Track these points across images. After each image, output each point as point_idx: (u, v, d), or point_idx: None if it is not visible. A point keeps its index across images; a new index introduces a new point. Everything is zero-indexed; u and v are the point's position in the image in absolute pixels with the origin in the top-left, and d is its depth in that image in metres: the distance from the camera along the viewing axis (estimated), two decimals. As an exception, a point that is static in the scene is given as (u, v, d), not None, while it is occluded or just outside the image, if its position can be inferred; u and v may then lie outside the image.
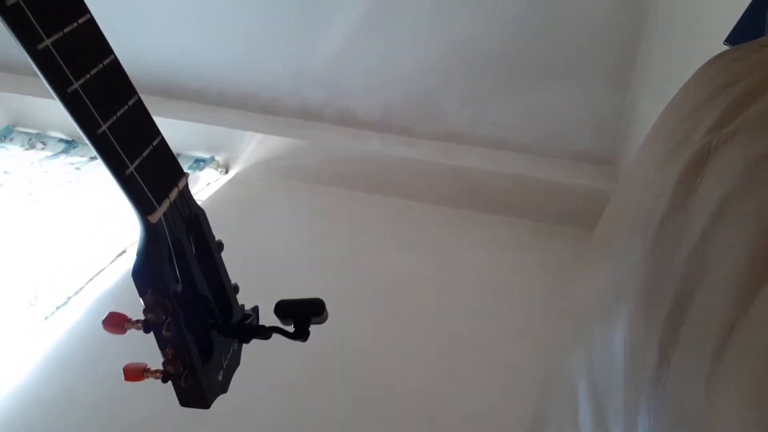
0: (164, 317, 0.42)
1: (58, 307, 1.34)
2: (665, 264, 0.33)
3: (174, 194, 0.45)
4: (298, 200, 1.83)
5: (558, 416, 0.49)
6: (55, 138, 1.99)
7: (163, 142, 0.44)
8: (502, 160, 1.83)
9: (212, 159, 1.94)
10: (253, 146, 1.92)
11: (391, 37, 1.80)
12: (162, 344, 0.44)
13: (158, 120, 0.44)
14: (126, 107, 0.41)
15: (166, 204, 0.43)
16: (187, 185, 0.47)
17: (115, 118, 0.39)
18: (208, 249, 0.50)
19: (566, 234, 1.68)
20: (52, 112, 1.98)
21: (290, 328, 0.51)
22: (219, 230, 0.52)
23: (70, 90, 0.36)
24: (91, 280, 1.43)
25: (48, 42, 0.35)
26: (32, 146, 1.96)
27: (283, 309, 0.51)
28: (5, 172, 1.80)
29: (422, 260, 1.59)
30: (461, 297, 1.48)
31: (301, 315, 0.50)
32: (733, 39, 0.87)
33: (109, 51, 0.41)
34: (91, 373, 1.19)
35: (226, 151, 1.95)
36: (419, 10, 1.73)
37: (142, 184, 0.41)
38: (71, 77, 0.37)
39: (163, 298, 0.42)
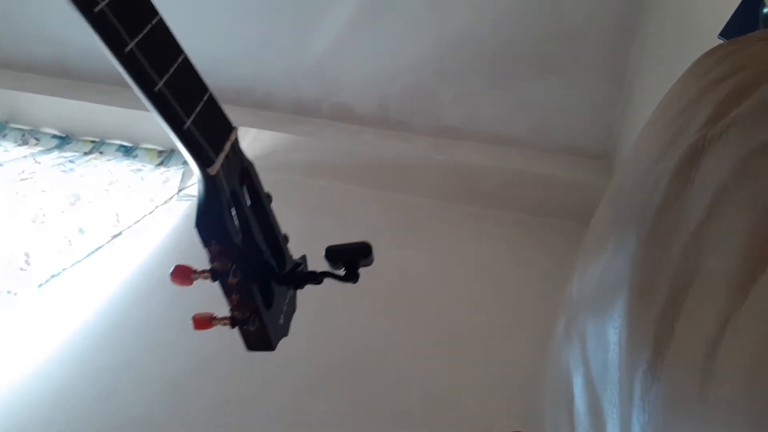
0: (230, 264, 0.44)
1: (53, 276, 1.33)
2: (660, 258, 0.33)
3: (227, 147, 0.46)
4: (294, 196, 1.83)
5: (554, 409, 0.49)
6: (48, 134, 1.97)
7: (212, 97, 0.46)
8: (498, 154, 1.83)
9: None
10: (248, 142, 1.91)
11: (386, 31, 1.79)
12: (228, 291, 0.46)
13: (151, 118, 0.44)
14: (176, 65, 0.42)
15: (222, 156, 0.45)
16: (237, 139, 0.49)
17: (168, 75, 0.41)
18: (260, 200, 0.53)
19: (561, 227, 1.68)
20: (46, 108, 1.97)
21: (340, 272, 0.53)
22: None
23: (127, 50, 0.38)
24: (87, 256, 1.42)
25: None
26: (25, 142, 1.95)
27: (333, 254, 0.53)
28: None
29: (418, 255, 1.59)
30: (457, 291, 1.48)
31: (351, 258, 0.53)
32: (727, 33, 0.87)
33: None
34: (92, 366, 1.19)
35: (221, 146, 1.95)
36: (414, 4, 1.73)
37: (199, 137, 0.42)
38: (127, 38, 0.38)
39: (227, 246, 0.43)
